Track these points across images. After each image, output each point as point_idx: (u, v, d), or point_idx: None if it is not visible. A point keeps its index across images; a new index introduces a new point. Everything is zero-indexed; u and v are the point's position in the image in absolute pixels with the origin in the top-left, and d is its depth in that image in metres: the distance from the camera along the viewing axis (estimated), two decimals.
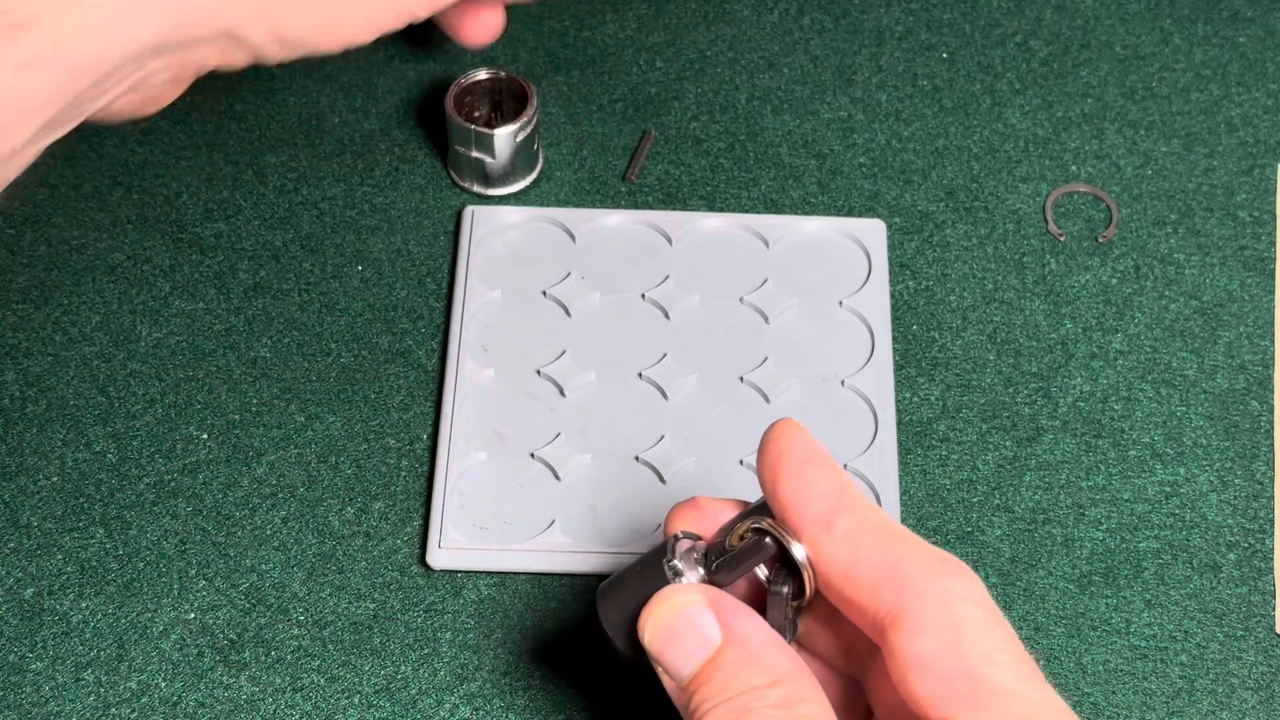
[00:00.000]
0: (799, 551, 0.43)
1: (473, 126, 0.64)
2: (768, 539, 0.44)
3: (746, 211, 0.66)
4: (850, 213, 0.66)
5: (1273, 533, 0.59)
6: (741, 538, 0.45)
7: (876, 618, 0.42)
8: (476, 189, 0.66)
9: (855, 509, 0.43)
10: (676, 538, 0.46)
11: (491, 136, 0.64)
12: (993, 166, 0.68)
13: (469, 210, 0.65)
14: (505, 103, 0.66)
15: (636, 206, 0.66)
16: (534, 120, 0.65)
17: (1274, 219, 0.67)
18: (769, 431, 0.44)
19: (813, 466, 0.43)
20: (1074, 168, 0.68)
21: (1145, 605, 0.57)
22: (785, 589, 0.44)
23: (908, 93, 0.70)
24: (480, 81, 0.66)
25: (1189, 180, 0.68)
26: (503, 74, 0.66)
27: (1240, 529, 0.59)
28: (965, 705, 0.40)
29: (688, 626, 0.44)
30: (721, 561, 0.45)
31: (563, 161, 0.68)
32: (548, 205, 0.66)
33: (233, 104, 0.69)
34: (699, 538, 0.46)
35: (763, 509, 0.45)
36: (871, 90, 0.70)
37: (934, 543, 0.58)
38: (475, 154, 0.65)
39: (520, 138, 0.65)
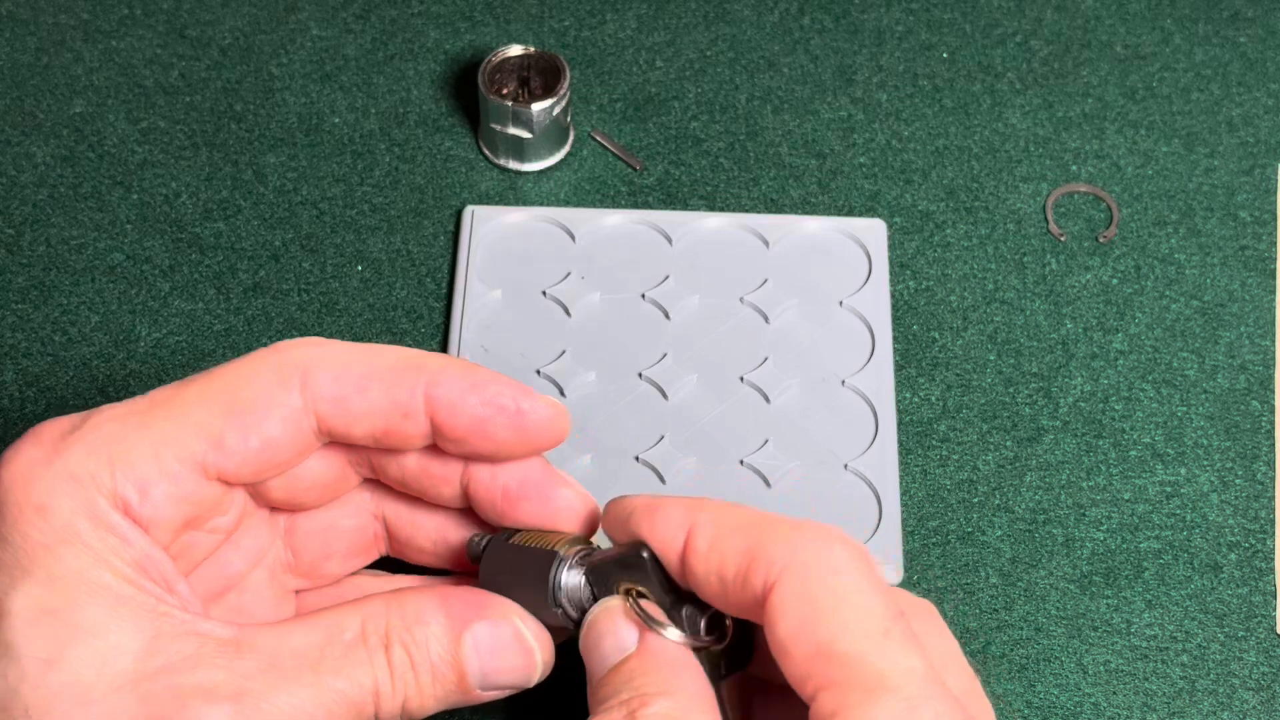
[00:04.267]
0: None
1: (510, 103, 0.65)
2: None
3: (746, 211, 0.66)
4: (850, 213, 0.66)
5: (1274, 533, 0.59)
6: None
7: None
8: (512, 165, 0.67)
9: (711, 509, 0.42)
10: (587, 546, 0.46)
11: (529, 112, 0.65)
12: (993, 166, 0.68)
13: (469, 210, 0.65)
14: (533, 78, 0.67)
15: (636, 206, 0.66)
16: (568, 94, 0.65)
17: (1275, 219, 0.67)
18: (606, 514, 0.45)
19: (662, 506, 0.43)
20: (1074, 168, 0.68)
21: (1146, 606, 0.57)
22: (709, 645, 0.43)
23: (908, 93, 0.70)
24: (510, 58, 0.66)
25: (1189, 180, 0.68)
26: (532, 50, 0.66)
27: (1241, 529, 0.59)
28: (822, 681, 0.39)
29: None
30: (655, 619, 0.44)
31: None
32: (548, 205, 0.66)
33: (233, 104, 0.69)
34: (592, 547, 0.46)
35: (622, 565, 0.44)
36: (872, 90, 0.70)
37: (934, 543, 0.58)
38: (512, 130, 0.65)
39: (556, 111, 0.65)
